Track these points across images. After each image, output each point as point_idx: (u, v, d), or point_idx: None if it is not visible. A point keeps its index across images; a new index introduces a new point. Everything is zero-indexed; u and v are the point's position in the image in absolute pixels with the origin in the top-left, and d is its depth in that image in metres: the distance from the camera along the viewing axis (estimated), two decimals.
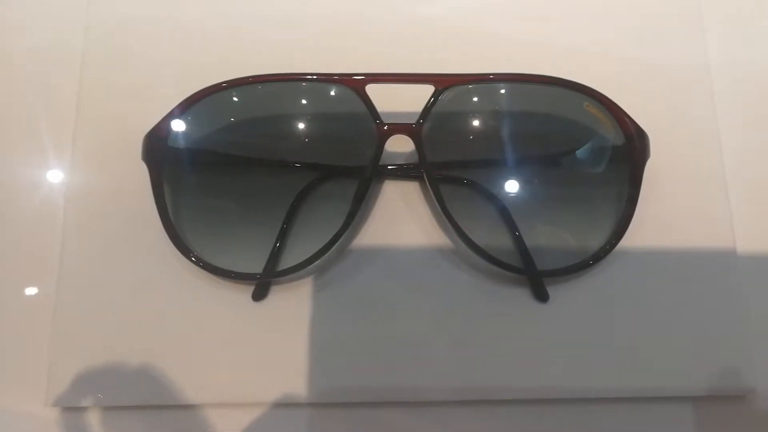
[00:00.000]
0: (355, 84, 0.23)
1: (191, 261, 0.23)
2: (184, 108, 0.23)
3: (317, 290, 0.24)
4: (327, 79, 0.23)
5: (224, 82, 0.23)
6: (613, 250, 0.24)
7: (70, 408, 0.23)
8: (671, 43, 0.27)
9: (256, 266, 0.24)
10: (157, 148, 0.23)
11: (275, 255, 0.24)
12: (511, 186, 0.24)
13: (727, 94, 0.27)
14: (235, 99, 0.23)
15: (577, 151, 0.24)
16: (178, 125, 0.23)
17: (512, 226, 0.24)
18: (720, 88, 0.27)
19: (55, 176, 0.26)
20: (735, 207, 0.25)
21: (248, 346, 0.24)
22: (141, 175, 0.24)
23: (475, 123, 0.24)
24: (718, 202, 0.25)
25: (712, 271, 0.25)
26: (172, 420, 0.23)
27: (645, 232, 0.25)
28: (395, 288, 0.24)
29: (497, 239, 0.24)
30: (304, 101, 0.24)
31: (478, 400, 0.24)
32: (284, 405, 0.23)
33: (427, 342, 0.24)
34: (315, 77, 0.23)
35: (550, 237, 0.24)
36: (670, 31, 0.28)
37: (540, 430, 0.24)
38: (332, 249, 0.23)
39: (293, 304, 0.24)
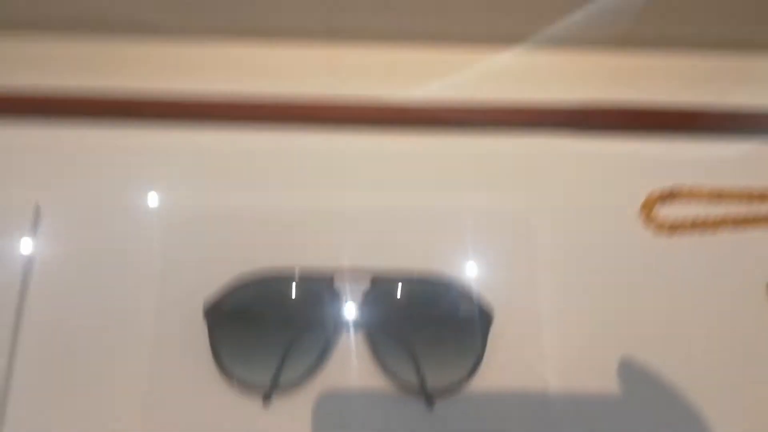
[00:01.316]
0: (326, 277, 0.41)
1: (232, 382, 0.40)
2: (228, 290, 0.41)
3: (305, 396, 0.41)
4: (309, 276, 0.42)
5: (242, 280, 0.42)
6: (473, 376, 0.41)
7: None
8: (502, 242, 0.46)
9: (265, 381, 0.40)
10: (212, 312, 0.41)
11: (277, 374, 0.40)
12: (413, 337, 0.41)
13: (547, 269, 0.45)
14: (253, 286, 0.42)
15: (451, 315, 0.42)
16: (223, 299, 0.41)
17: (415, 362, 0.41)
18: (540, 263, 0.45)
19: (142, 334, 0.43)
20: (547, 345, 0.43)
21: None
22: (201, 326, 0.42)
23: (395, 299, 0.42)
24: (534, 344, 0.43)
25: (527, 388, 0.42)
26: None
27: (492, 366, 0.42)
28: (344, 401, 0.41)
29: (405, 369, 0.41)
30: (294, 287, 0.42)
31: None
32: None
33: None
34: (301, 274, 0.42)
35: (436, 368, 0.41)
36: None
37: None
38: (312, 373, 0.41)
39: (290, 406, 0.41)
